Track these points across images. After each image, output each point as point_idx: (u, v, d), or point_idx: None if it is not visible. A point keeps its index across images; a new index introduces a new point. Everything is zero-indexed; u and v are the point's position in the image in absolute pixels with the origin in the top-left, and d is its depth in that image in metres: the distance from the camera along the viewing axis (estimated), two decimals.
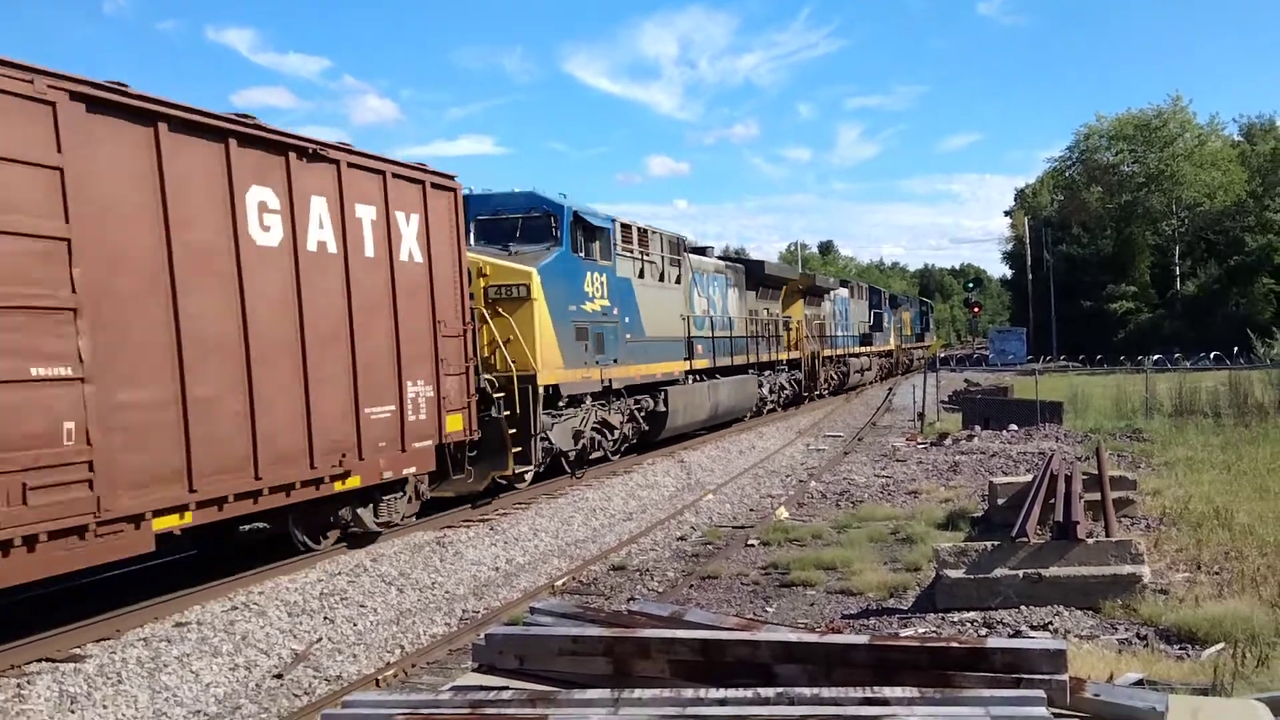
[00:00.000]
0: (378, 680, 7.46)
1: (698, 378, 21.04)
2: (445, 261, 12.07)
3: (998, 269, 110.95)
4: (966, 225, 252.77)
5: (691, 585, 9.70)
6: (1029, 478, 11.09)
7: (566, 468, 15.61)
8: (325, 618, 8.98)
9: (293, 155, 9.54)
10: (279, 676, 7.68)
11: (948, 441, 19.66)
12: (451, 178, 12.37)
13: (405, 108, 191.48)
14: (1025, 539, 8.11)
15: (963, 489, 13.87)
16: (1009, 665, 3.57)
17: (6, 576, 6.89)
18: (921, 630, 7.33)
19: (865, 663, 3.72)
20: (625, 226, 17.82)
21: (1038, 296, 65.70)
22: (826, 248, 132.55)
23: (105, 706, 6.86)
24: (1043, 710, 3.17)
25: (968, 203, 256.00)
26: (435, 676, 7.45)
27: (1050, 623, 7.30)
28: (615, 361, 16.79)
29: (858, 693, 3.41)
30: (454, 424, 12.06)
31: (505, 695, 3.64)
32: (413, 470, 11.31)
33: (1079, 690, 3.55)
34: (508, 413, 13.24)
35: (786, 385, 29.10)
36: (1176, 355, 29.78)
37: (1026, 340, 59.96)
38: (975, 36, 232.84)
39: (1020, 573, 7.79)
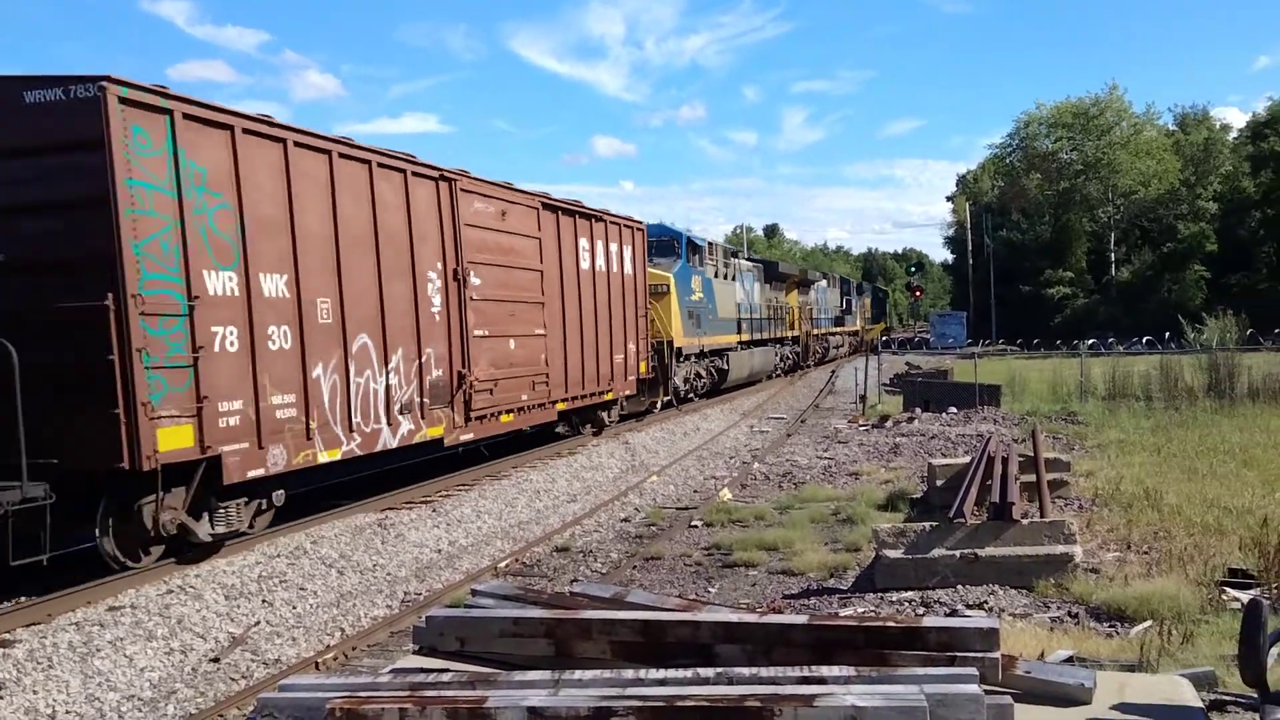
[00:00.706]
0: (317, 663, 7.39)
1: (743, 348, 29.68)
2: (640, 273, 20.83)
3: (939, 254, 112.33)
4: (909, 210, 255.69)
5: (635, 566, 9.74)
6: (967, 460, 11.28)
7: (676, 400, 24.00)
8: (264, 600, 8.87)
9: (595, 222, 18.52)
10: (215, 660, 7.57)
11: (889, 424, 19.93)
12: (641, 224, 21.02)
13: (347, 83, 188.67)
14: (963, 520, 8.25)
15: (903, 470, 14.07)
16: (944, 644, 3.62)
17: (523, 424, 15.85)
18: (860, 610, 7.43)
19: (804, 642, 3.75)
20: (710, 244, 27.75)
21: (978, 281, 66.77)
22: (772, 230, 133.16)
23: (35, 692, 6.72)
24: (975, 688, 3.22)
25: (911, 188, 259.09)
26: (376, 659, 7.40)
27: (986, 601, 7.45)
28: (705, 334, 25.71)
29: (796, 672, 3.44)
30: (643, 368, 21.08)
31: (445, 677, 3.62)
32: (628, 392, 20.35)
33: (1011, 668, 3.62)
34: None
35: (790, 356, 37.86)
36: (1111, 340, 30.46)
37: (967, 324, 60.94)
38: (920, 23, 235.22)
39: (957, 553, 7.93)
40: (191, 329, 9.15)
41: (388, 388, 12.06)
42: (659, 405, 22.77)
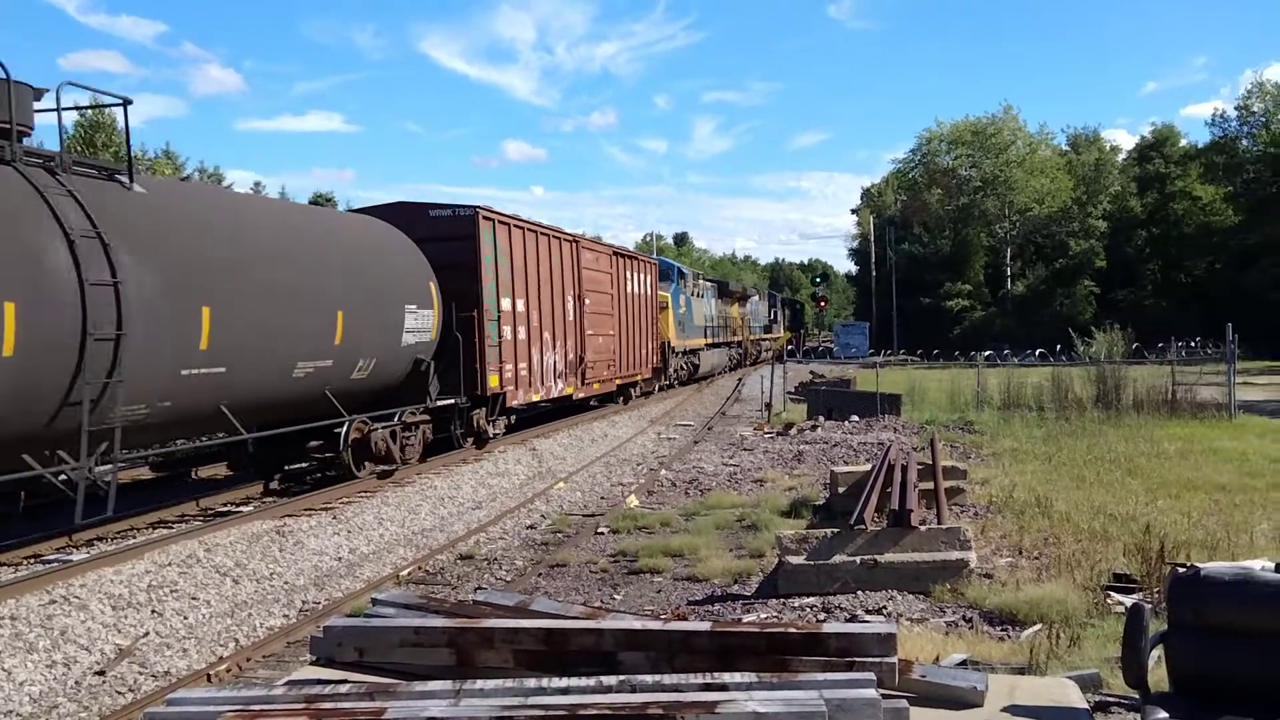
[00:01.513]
0: (209, 675, 7.16)
1: (708, 349, 39.48)
2: (653, 294, 29.55)
3: (844, 265, 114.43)
4: (815, 222, 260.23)
5: (540, 574, 9.68)
6: (868, 467, 11.50)
7: (674, 384, 33.62)
8: (153, 611, 8.56)
9: (631, 259, 27.66)
10: (101, 673, 7.28)
11: (793, 431, 20.21)
12: (654, 260, 31.35)
13: (250, 79, 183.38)
14: (863, 526, 8.41)
15: (806, 477, 14.29)
16: (843, 649, 3.69)
17: (603, 390, 24.43)
18: (763, 616, 7.51)
19: (707, 649, 3.78)
20: (689, 272, 39.22)
21: (881, 292, 68.30)
22: (681, 239, 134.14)
23: None
24: (872, 692, 3.29)
25: (816, 200, 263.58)
26: (271, 671, 7.20)
27: (885, 607, 7.60)
28: (688, 338, 35.12)
29: (698, 679, 3.46)
30: (655, 360, 29.58)
31: (343, 689, 3.54)
32: (648, 375, 28.74)
33: (907, 672, 3.71)
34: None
35: (735, 356, 47.55)
36: (1006, 351, 31.39)
37: (869, 334, 62.26)
38: (825, 38, 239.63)
39: (858, 559, 8.08)
40: (499, 328, 17.51)
41: (554, 364, 20.63)
42: (657, 388, 31.32)
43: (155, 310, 9.78)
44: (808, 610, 7.64)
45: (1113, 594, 7.55)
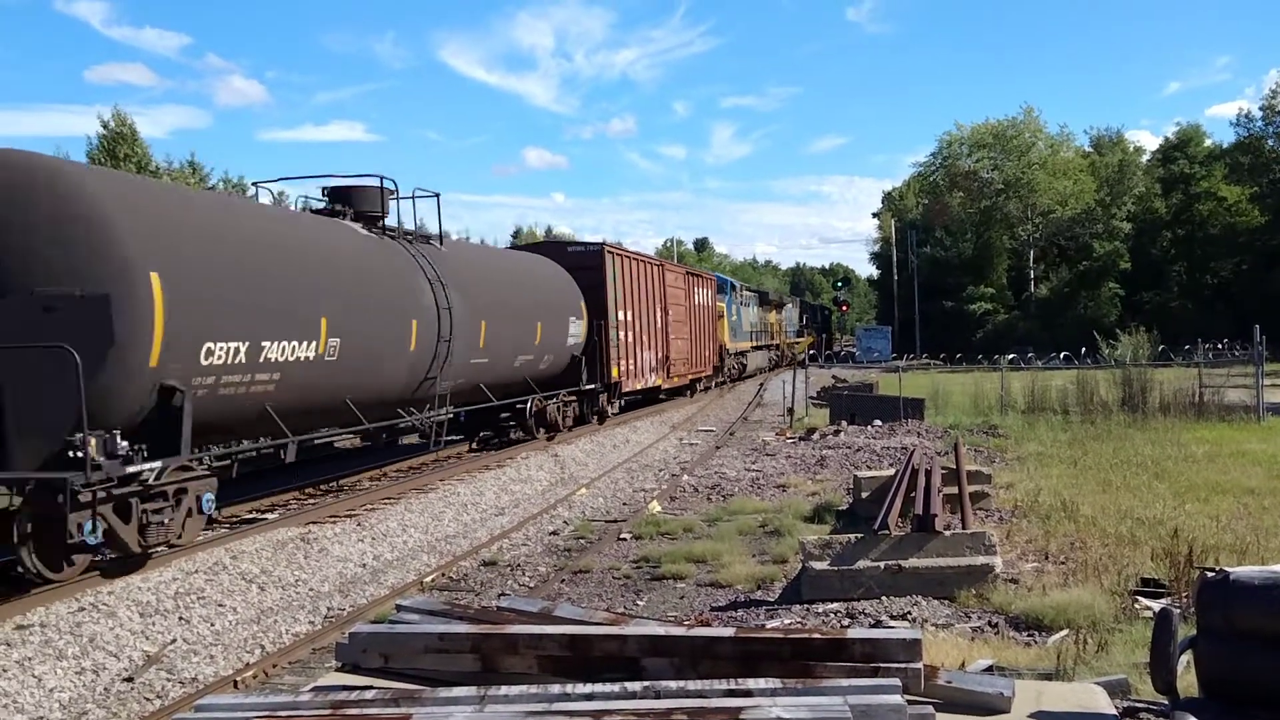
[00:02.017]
0: (236, 682, 7.20)
1: (753, 350, 45.57)
2: (713, 304, 35.14)
3: (865, 269, 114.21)
4: (836, 226, 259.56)
5: (563, 580, 9.69)
6: (891, 472, 11.45)
7: (729, 381, 38.79)
8: (180, 618, 8.63)
9: (697, 276, 34.27)
10: (129, 680, 7.35)
11: (815, 436, 20.16)
12: (713, 276, 38.01)
13: (272, 89, 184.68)
14: (887, 531, 8.37)
15: (829, 483, 14.24)
16: (867, 655, 3.68)
17: (677, 383, 30.25)
18: (787, 621, 7.49)
19: (731, 655, 3.78)
20: (739, 284, 44.88)
21: (903, 296, 67.97)
22: (702, 244, 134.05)
23: None
24: (898, 698, 3.27)
25: (837, 204, 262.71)
26: (297, 677, 7.24)
27: (909, 612, 7.56)
28: (737, 341, 40.93)
29: (722, 685, 3.46)
30: (714, 361, 35.36)
31: (368, 695, 3.56)
32: (709, 372, 34.77)
33: (933, 678, 3.69)
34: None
35: (774, 357, 52.81)
36: (1030, 355, 31.24)
37: (892, 338, 61.95)
38: (843, 41, 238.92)
39: (882, 564, 8.04)
40: (617, 333, 23.22)
41: (650, 361, 26.44)
42: (714, 383, 36.31)
43: (463, 323, 15.50)
44: (831, 616, 7.61)
45: (1140, 599, 7.48)
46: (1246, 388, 21.14)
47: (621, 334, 23.71)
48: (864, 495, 11.20)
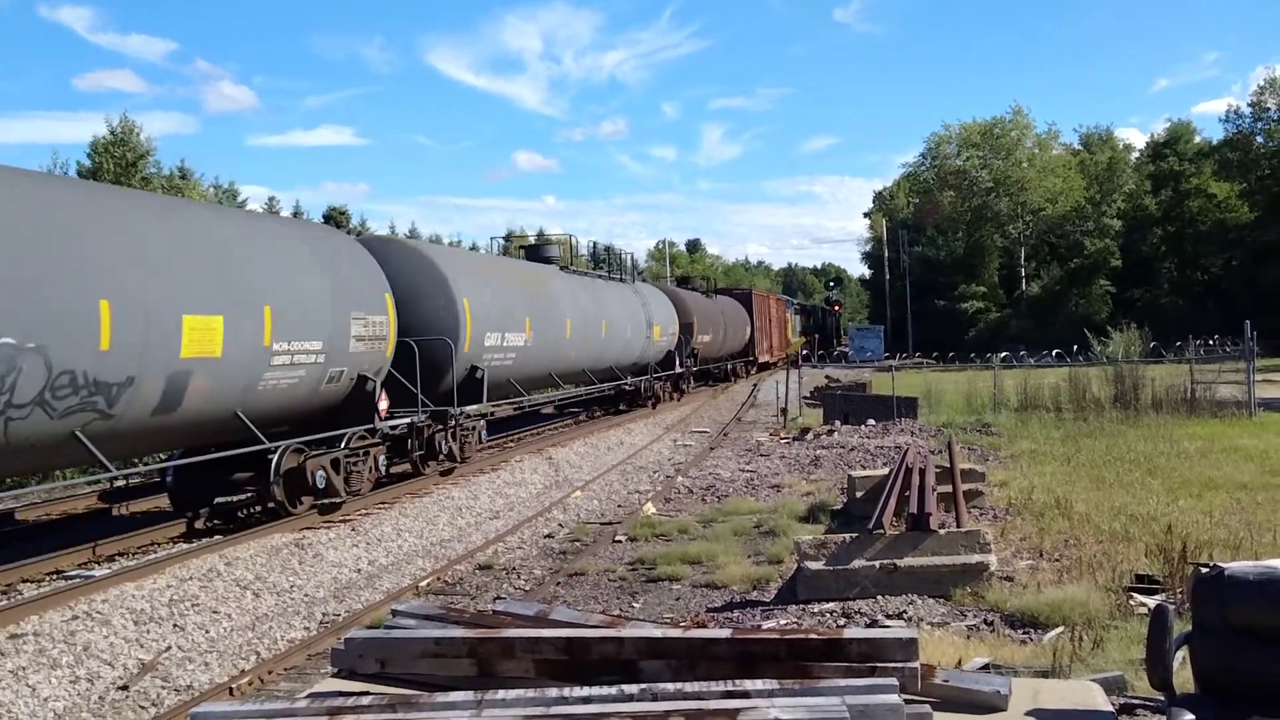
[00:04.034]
0: (231, 689, 7.18)
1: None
2: (784, 313, 56.32)
3: (857, 268, 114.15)
4: (827, 226, 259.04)
5: (559, 583, 9.69)
6: (886, 471, 11.46)
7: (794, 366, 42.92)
8: (175, 625, 8.61)
9: (775, 298, 58.50)
10: (124, 688, 7.32)
11: (809, 436, 20.17)
12: (783, 297, 66.12)
13: (261, 95, 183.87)
14: (882, 531, 8.38)
15: (823, 482, 14.25)
16: (864, 655, 3.68)
17: (770, 361, 50.63)
18: (783, 622, 7.49)
19: (727, 656, 3.77)
20: (788, 299, 66.11)
21: (895, 296, 68.16)
22: (694, 246, 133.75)
23: None
24: (895, 698, 3.27)
25: (828, 204, 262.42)
26: (293, 683, 7.22)
27: (905, 611, 7.57)
28: (793, 339, 57.31)
29: (720, 686, 3.45)
30: (784, 353, 53.92)
31: (365, 700, 3.55)
32: (783, 357, 52.20)
33: (930, 676, 3.69)
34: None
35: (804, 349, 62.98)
36: (1022, 352, 31.28)
37: (884, 338, 62.11)
38: (832, 42, 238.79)
39: (877, 563, 8.05)
40: (756, 335, 45.66)
41: (766, 346, 47.84)
42: (781, 362, 49.08)
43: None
44: (827, 616, 7.61)
45: (1135, 595, 7.50)
46: (1238, 383, 21.21)
47: (757, 335, 44.64)
48: (858, 495, 11.22)
